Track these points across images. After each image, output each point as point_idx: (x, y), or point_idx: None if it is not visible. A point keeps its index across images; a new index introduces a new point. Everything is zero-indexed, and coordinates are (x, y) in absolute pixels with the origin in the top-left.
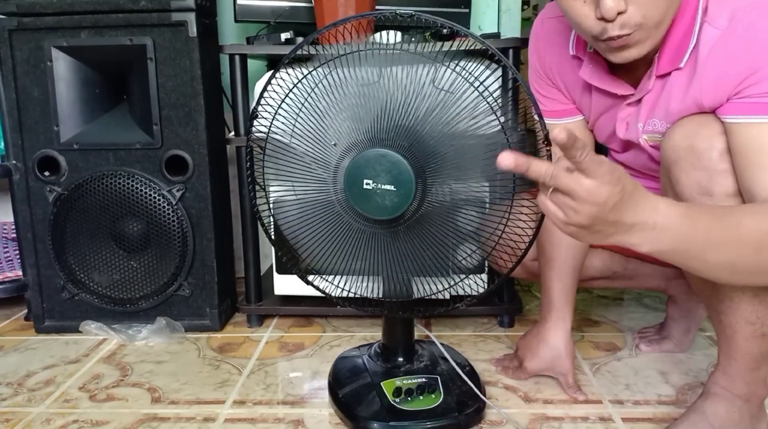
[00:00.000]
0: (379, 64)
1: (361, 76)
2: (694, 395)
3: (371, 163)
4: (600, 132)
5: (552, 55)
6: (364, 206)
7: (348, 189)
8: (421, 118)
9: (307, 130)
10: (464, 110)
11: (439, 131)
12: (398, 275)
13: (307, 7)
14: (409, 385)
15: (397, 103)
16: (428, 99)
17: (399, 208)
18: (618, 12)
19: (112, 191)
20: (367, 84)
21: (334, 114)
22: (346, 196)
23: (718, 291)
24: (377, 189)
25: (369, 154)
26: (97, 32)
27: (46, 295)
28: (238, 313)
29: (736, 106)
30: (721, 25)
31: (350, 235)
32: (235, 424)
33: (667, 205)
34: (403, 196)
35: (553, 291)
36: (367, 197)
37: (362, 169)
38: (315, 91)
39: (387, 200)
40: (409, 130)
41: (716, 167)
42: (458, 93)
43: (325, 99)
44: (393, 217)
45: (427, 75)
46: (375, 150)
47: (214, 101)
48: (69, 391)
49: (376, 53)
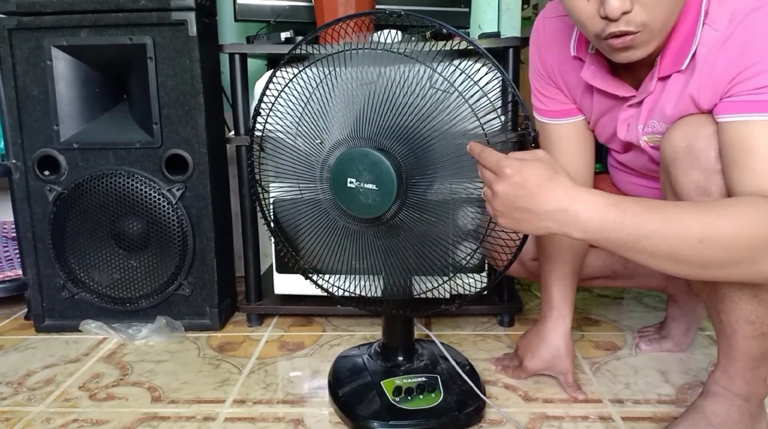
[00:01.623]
0: (367, 64)
1: (348, 76)
2: (694, 394)
3: (354, 162)
4: (601, 133)
5: (553, 54)
6: (348, 204)
7: (333, 187)
8: (405, 117)
9: (295, 128)
10: (448, 111)
11: (422, 131)
12: (391, 274)
13: (307, 7)
14: (409, 384)
15: (381, 102)
16: (412, 98)
17: (381, 207)
18: (623, 12)
19: (112, 190)
20: (355, 83)
21: (323, 112)
22: (332, 194)
23: (718, 290)
24: (360, 188)
25: (353, 152)
26: (97, 31)
27: (46, 294)
28: (238, 312)
29: (726, 105)
30: (721, 26)
31: (337, 232)
32: (235, 423)
33: (591, 194)
34: (385, 195)
35: (553, 290)
36: (351, 196)
37: (346, 168)
38: (301, 90)
39: (369, 199)
40: (392, 129)
41: (714, 167)
42: (438, 94)
43: (313, 98)
44: (375, 216)
45: (413, 75)
46: (358, 149)
47: (214, 100)
48: (69, 390)
49: (365, 53)
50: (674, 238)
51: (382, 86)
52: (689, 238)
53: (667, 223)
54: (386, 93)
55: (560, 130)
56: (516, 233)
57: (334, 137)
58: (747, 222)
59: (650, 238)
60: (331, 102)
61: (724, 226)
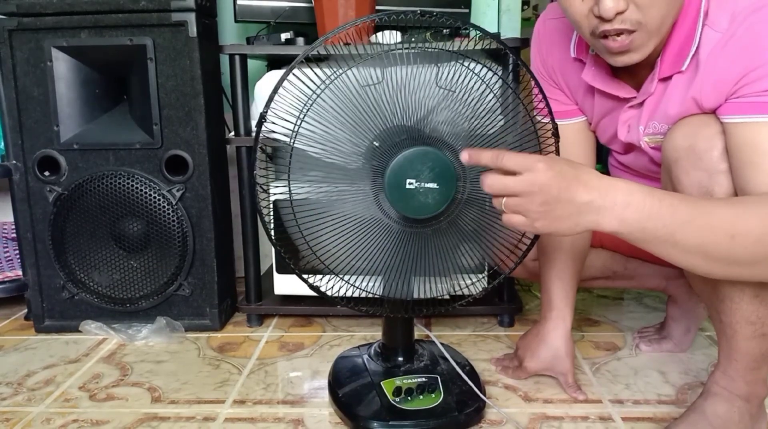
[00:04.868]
0: (418, 63)
1: (402, 76)
2: (694, 395)
3: (414, 162)
4: (602, 134)
5: (554, 55)
6: (403, 205)
7: (389, 189)
8: (463, 116)
9: (340, 131)
10: (491, 108)
11: (479, 128)
12: (427, 273)
13: (307, 7)
14: (409, 385)
15: (438, 101)
16: (469, 96)
17: (440, 205)
18: (617, 12)
19: (112, 191)
20: (413, 83)
21: (377, 113)
22: (386, 197)
23: (719, 291)
24: (420, 188)
25: (412, 152)
26: (97, 32)
27: (46, 294)
28: (238, 312)
29: (733, 106)
30: (721, 27)
31: (386, 235)
32: (235, 423)
33: (625, 182)
34: (444, 193)
35: (553, 291)
36: (409, 196)
37: (405, 169)
38: (345, 91)
39: (429, 198)
40: (451, 127)
41: (717, 167)
42: (480, 91)
43: (361, 99)
44: (432, 215)
45: (464, 73)
46: (418, 148)
47: (214, 101)
48: (69, 390)
49: (415, 52)
50: (707, 228)
51: (431, 86)
52: (720, 231)
53: (700, 213)
54: (443, 92)
55: (562, 131)
56: (526, 235)
57: (388, 138)
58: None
59: (683, 229)
60: (383, 103)
61: (753, 221)
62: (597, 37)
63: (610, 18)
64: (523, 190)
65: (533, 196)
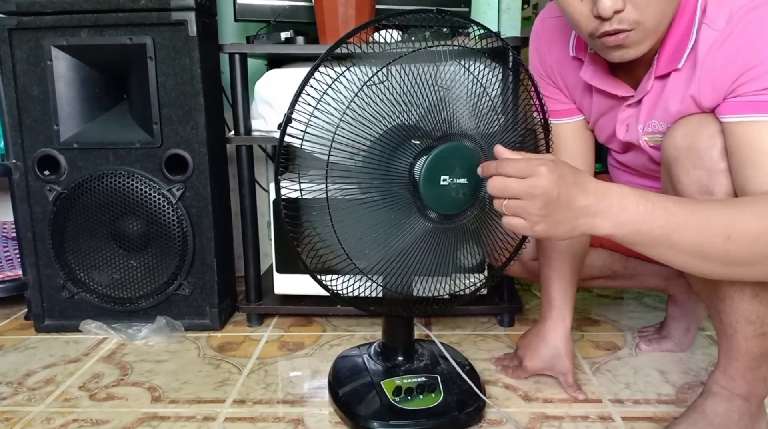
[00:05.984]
0: (450, 60)
1: (445, 73)
2: (694, 394)
3: (448, 159)
4: (600, 133)
5: (553, 54)
6: (436, 202)
7: (423, 186)
8: (491, 111)
9: (378, 130)
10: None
11: (505, 124)
12: (442, 271)
13: (307, 6)
14: (409, 384)
15: (469, 97)
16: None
17: (469, 200)
18: (615, 11)
19: (112, 190)
20: (448, 80)
21: (411, 112)
22: (419, 194)
23: (719, 290)
24: (453, 184)
25: (446, 148)
26: (96, 31)
27: (46, 294)
28: (238, 312)
29: (731, 105)
30: (719, 26)
31: (415, 233)
32: (235, 423)
33: (619, 187)
34: (473, 187)
35: (553, 290)
36: (441, 193)
37: (440, 165)
38: (384, 89)
39: (460, 194)
40: (482, 123)
41: (716, 166)
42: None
43: (395, 97)
44: (461, 211)
45: (488, 71)
46: (452, 144)
47: (214, 100)
48: (69, 390)
49: (430, 51)
50: (702, 229)
51: (464, 84)
52: (716, 231)
53: (694, 214)
54: (475, 90)
55: (560, 130)
56: (515, 234)
57: (426, 135)
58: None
59: (678, 230)
60: (419, 100)
61: (749, 221)
62: (596, 37)
63: (609, 17)
64: (525, 193)
65: (535, 200)
